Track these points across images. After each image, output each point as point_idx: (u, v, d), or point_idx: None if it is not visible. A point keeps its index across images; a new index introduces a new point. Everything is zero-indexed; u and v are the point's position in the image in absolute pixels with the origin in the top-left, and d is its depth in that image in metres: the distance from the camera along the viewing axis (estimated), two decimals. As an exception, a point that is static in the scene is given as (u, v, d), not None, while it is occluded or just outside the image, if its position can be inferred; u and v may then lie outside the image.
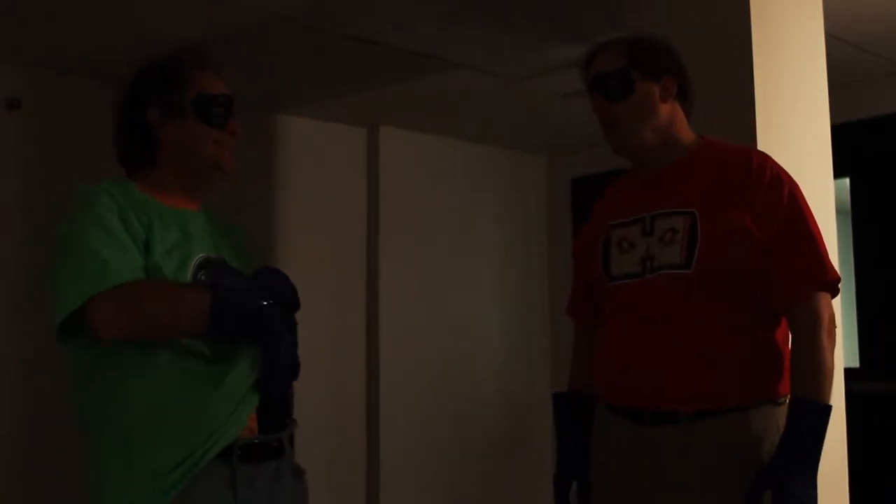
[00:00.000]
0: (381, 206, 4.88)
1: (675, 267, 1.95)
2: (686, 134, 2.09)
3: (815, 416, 1.86)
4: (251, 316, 1.75)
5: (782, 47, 2.85)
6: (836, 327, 1.94)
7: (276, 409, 1.86)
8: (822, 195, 2.86)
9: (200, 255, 1.86)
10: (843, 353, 2.94)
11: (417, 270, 4.95)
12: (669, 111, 2.06)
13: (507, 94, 4.37)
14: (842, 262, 3.15)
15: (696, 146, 2.08)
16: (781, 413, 1.94)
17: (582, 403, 2.20)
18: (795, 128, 2.85)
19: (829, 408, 1.88)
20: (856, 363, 4.15)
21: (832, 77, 3.03)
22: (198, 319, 1.73)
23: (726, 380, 1.92)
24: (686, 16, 2.90)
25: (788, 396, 1.95)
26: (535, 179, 5.55)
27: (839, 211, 3.03)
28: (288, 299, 1.87)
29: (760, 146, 2.69)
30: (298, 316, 1.92)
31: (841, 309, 2.54)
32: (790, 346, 1.95)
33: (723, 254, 1.93)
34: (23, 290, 3.84)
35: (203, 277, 1.83)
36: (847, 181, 4.27)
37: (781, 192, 1.96)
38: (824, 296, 1.94)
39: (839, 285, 1.98)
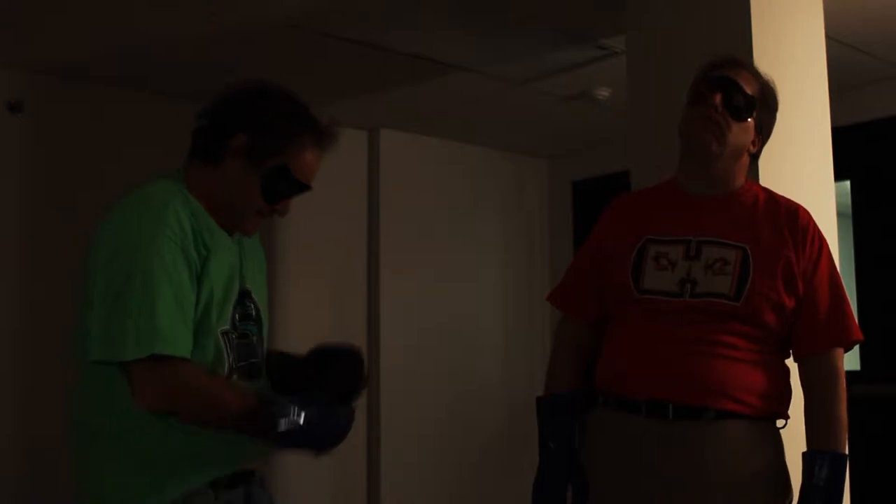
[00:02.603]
0: (381, 210, 4.88)
1: (723, 297, 2.00)
2: (741, 180, 2.17)
3: (838, 468, 1.96)
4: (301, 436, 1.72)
5: (783, 50, 2.85)
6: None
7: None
8: (823, 198, 2.86)
9: (237, 291, 1.84)
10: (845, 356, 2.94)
11: (418, 273, 4.95)
12: (746, 160, 2.15)
13: (509, 97, 4.38)
14: (842, 265, 3.14)
15: (745, 186, 2.16)
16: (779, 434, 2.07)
17: (570, 406, 2.19)
18: (796, 131, 2.85)
19: (847, 457, 1.99)
20: (856, 366, 4.15)
21: (833, 80, 3.03)
22: (241, 424, 1.71)
23: (754, 388, 2.00)
24: (687, 20, 2.91)
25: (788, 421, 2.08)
26: (536, 182, 5.55)
27: (840, 214, 3.03)
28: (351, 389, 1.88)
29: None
30: (299, 317, 1.90)
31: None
32: (805, 397, 2.06)
33: (771, 292, 2.01)
34: (24, 291, 3.84)
35: (240, 327, 1.81)
36: (848, 184, 4.27)
37: (823, 251, 2.09)
38: (841, 352, 2.07)
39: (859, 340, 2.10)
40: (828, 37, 3.03)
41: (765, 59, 2.77)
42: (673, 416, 1.97)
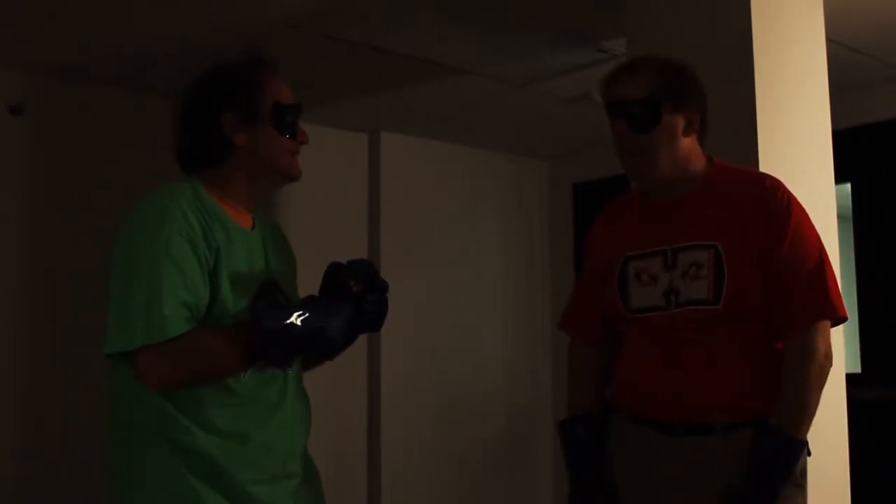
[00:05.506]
0: (382, 212, 4.88)
1: (704, 302, 1.96)
2: (699, 164, 2.06)
3: (789, 450, 1.89)
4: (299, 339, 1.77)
5: (783, 52, 2.85)
6: (830, 363, 1.94)
7: None
8: (824, 201, 2.86)
9: (258, 282, 1.88)
10: (845, 358, 2.94)
11: (419, 276, 4.94)
12: (690, 145, 2.02)
13: (509, 99, 4.37)
14: (843, 268, 3.15)
15: (708, 173, 2.06)
16: None
17: (593, 426, 2.15)
18: (797, 133, 2.85)
19: (804, 444, 1.91)
20: (857, 368, 4.15)
21: (833, 82, 3.03)
22: (239, 364, 1.78)
23: (756, 395, 1.95)
24: (687, 21, 2.91)
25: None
26: (536, 184, 5.55)
27: (840, 216, 3.03)
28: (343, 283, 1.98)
29: (762, 152, 2.69)
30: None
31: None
32: (782, 378, 1.95)
33: (749, 287, 1.94)
34: (24, 291, 3.84)
35: (260, 308, 1.85)
36: (848, 186, 4.27)
37: (789, 222, 1.96)
38: (823, 327, 1.94)
39: (842, 316, 1.97)
40: (828, 39, 3.03)
41: (765, 61, 2.77)
42: (682, 433, 1.97)
